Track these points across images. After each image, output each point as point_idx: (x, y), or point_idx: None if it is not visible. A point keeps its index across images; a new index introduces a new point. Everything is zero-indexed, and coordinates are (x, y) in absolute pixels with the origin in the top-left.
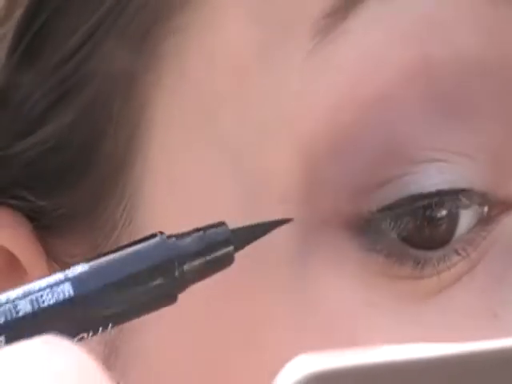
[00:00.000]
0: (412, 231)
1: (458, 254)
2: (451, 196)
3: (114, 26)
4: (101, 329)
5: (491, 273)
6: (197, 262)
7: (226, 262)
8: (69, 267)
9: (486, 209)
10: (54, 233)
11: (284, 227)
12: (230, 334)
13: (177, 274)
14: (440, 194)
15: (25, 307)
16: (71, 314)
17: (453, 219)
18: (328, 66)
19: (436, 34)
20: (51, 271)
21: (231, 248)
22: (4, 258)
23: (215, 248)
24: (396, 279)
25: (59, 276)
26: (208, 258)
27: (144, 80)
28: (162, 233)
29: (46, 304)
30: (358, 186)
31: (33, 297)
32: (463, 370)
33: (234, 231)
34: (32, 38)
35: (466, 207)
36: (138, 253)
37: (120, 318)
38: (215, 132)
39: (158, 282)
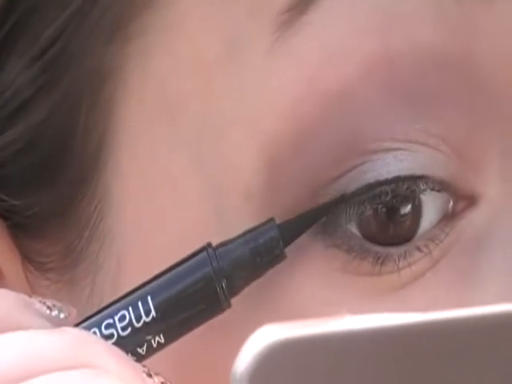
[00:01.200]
0: (375, 228)
1: (420, 250)
2: (408, 182)
3: (82, 27)
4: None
5: (455, 269)
6: (246, 267)
7: (276, 260)
8: (43, 267)
9: (450, 204)
10: (28, 233)
11: (246, 222)
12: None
13: (224, 284)
14: (397, 180)
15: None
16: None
17: (417, 216)
18: (289, 61)
19: (396, 26)
20: (25, 271)
21: (280, 250)
22: None
23: (263, 250)
24: (357, 275)
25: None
26: (256, 261)
27: (111, 82)
28: (210, 245)
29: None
30: (318, 180)
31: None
32: (420, 339)
33: (280, 227)
34: (2, 40)
35: (423, 192)
36: (184, 269)
37: (177, 330)
38: (179, 132)
39: (207, 294)
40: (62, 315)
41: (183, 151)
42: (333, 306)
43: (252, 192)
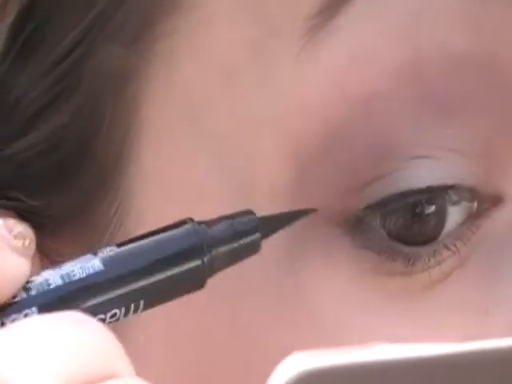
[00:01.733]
0: (401, 228)
1: (448, 249)
2: (440, 192)
3: (105, 30)
4: (132, 308)
5: (482, 268)
6: (225, 248)
7: (252, 249)
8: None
9: (475, 204)
10: (47, 232)
11: None
12: (227, 338)
13: (206, 259)
14: (430, 190)
15: (56, 281)
16: (101, 290)
17: (441, 214)
18: (318, 65)
19: (424, 31)
20: (44, 266)
21: (258, 236)
22: None
23: (243, 235)
24: (388, 276)
25: (89, 255)
26: (236, 244)
27: (135, 83)
28: (192, 219)
29: (77, 277)
30: (347, 183)
31: (63, 272)
32: (451, 370)
33: (261, 219)
34: (25, 42)
35: (456, 203)
36: (169, 237)
37: (150, 300)
38: (204, 134)
39: (187, 266)
40: (26, 242)
41: (207, 153)
42: (364, 307)
43: (277, 193)
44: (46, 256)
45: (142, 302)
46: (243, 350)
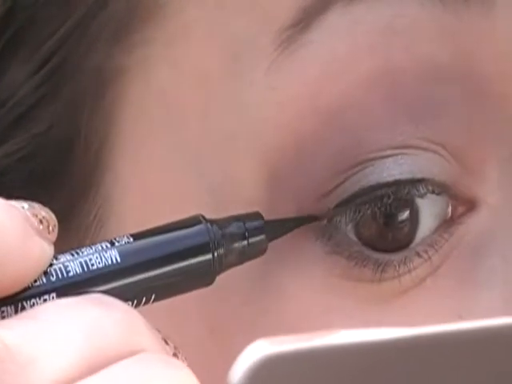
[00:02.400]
0: (373, 234)
1: (420, 256)
2: (409, 185)
3: (82, 38)
4: (144, 300)
5: (454, 275)
6: (235, 247)
7: (259, 250)
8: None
9: (449, 209)
10: None
11: None
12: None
13: (216, 256)
14: (397, 183)
15: (74, 268)
16: (116, 280)
17: (414, 221)
18: (290, 77)
19: (396, 42)
20: None
21: (264, 238)
22: None
23: (252, 236)
24: (357, 282)
25: (106, 244)
26: (245, 244)
27: (112, 90)
28: (203, 217)
29: (94, 267)
30: (319, 189)
31: (82, 260)
32: (412, 352)
33: (267, 222)
34: (2, 49)
35: (423, 196)
36: (183, 234)
37: (161, 293)
38: (180, 143)
39: (199, 262)
40: (50, 227)
41: (183, 162)
42: (333, 313)
43: (254, 205)
44: None
45: (153, 296)
46: (217, 352)
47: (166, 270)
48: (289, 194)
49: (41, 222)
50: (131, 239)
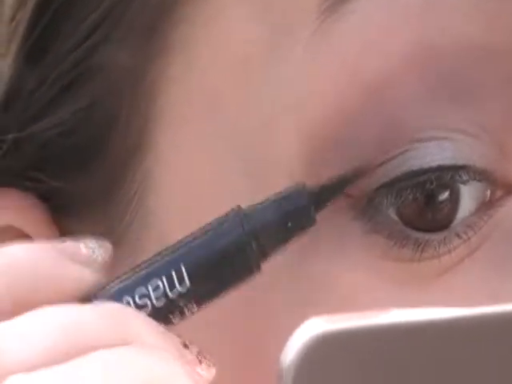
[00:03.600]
0: (413, 214)
1: (460, 237)
2: (451, 171)
3: (122, 18)
4: (195, 308)
5: (492, 257)
6: (275, 231)
7: (306, 224)
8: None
9: (488, 192)
10: (67, 213)
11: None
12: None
13: (254, 247)
14: (440, 169)
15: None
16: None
17: (455, 202)
18: (330, 50)
19: (433, 18)
20: None
21: (311, 210)
22: (18, 237)
23: (293, 214)
24: (397, 262)
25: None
26: (286, 225)
27: (152, 71)
28: (239, 207)
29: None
30: (360, 167)
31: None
32: (466, 332)
33: (310, 193)
34: (45, 26)
35: (465, 183)
36: (215, 233)
37: (208, 295)
38: (221, 120)
39: (238, 257)
40: (99, 257)
41: (224, 138)
42: (374, 293)
43: (296, 180)
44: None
45: (195, 304)
46: (260, 337)
47: (205, 274)
48: (329, 170)
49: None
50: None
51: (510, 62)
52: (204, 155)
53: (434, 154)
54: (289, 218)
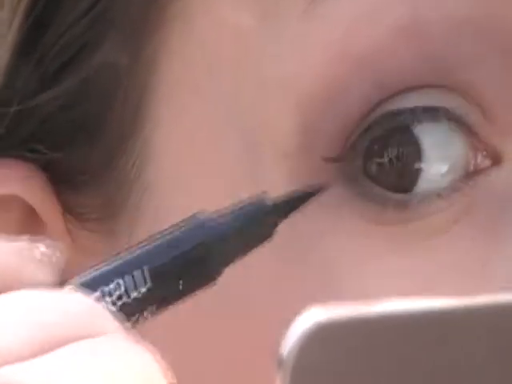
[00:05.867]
0: (388, 175)
1: (442, 198)
2: (430, 112)
3: None
4: (148, 310)
5: (480, 224)
6: (236, 240)
7: (265, 236)
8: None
9: (473, 160)
10: (68, 185)
11: (283, 179)
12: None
13: (215, 255)
14: (414, 110)
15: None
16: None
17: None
18: (322, 22)
19: None
20: (66, 221)
21: (272, 221)
22: (21, 208)
23: (254, 223)
24: (385, 226)
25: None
26: (247, 234)
27: (153, 41)
28: (201, 213)
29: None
30: (347, 131)
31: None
32: (463, 323)
33: (274, 204)
34: (45, 3)
35: (439, 119)
36: (177, 237)
37: (165, 301)
38: (218, 91)
39: (198, 264)
40: (53, 257)
41: (221, 109)
42: (367, 257)
43: (288, 150)
44: (69, 210)
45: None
46: (255, 310)
47: (165, 279)
48: (320, 140)
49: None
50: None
51: (498, 36)
52: (203, 125)
53: (412, 98)
54: (248, 228)
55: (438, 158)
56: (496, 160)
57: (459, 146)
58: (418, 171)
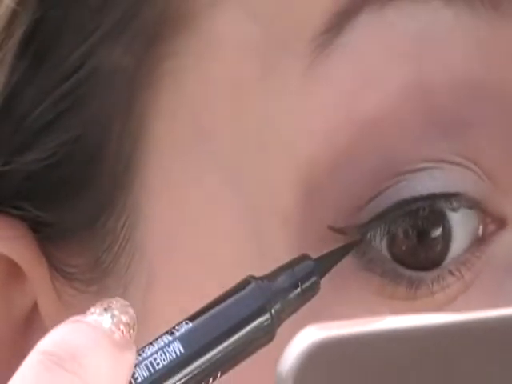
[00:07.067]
0: (405, 252)
1: (453, 274)
2: (443, 199)
3: (112, 48)
4: (211, 380)
5: (485, 291)
6: (289, 298)
7: (313, 292)
8: (70, 276)
9: (480, 228)
10: (55, 243)
11: (284, 245)
12: None
13: (273, 313)
14: (431, 197)
15: (141, 374)
16: (182, 369)
17: (447, 239)
18: (324, 85)
19: (428, 53)
20: (53, 279)
21: (317, 279)
22: (4, 265)
23: (303, 281)
24: (392, 300)
25: (167, 337)
26: (298, 292)
27: (143, 100)
28: (253, 277)
29: (160, 365)
30: (354, 203)
31: (147, 362)
32: (459, 338)
33: (316, 262)
34: (34, 55)
35: (456, 209)
36: (236, 301)
37: (226, 366)
38: (213, 154)
39: (258, 326)
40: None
41: (216, 173)
42: None
43: (289, 216)
44: (56, 267)
45: (219, 373)
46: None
47: (228, 343)
48: (325, 206)
49: (122, 332)
50: (190, 324)
51: (504, 99)
52: (194, 187)
53: (425, 183)
54: (299, 285)
55: (462, 235)
56: (501, 224)
57: (475, 221)
58: (444, 251)
